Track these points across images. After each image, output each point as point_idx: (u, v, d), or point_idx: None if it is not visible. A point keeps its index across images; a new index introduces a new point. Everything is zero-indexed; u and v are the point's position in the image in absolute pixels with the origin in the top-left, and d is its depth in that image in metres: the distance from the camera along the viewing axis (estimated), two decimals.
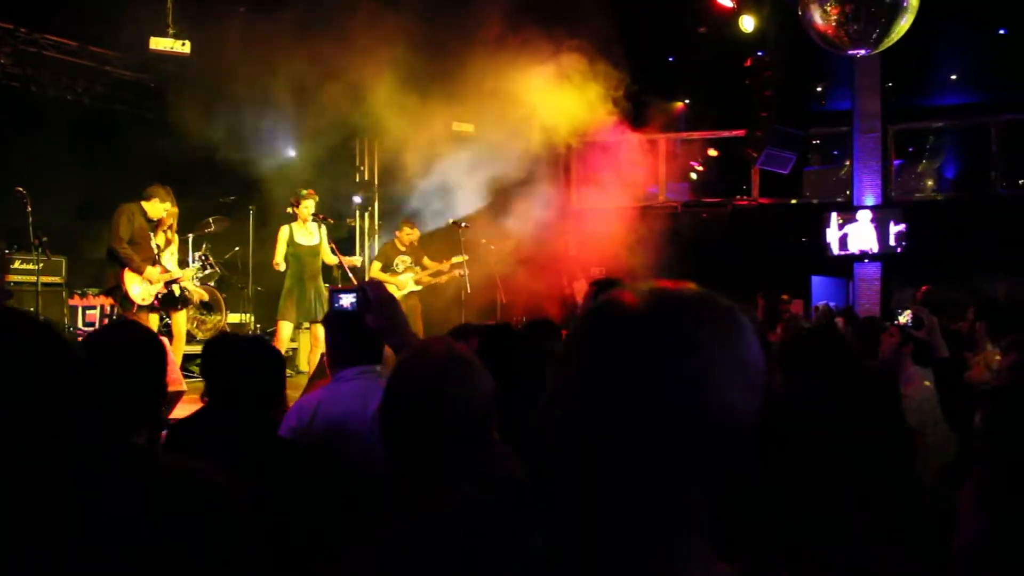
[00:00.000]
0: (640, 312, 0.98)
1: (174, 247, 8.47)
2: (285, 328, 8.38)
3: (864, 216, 13.97)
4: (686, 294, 1.02)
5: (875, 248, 13.86)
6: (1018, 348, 4.13)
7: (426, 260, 10.48)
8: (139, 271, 7.95)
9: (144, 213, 8.10)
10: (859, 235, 13.97)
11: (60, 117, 10.34)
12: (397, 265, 10.25)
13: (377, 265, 10.30)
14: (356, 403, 2.94)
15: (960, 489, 2.45)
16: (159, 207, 8.15)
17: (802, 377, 2.90)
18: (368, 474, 2.57)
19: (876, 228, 13.87)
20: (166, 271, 8.21)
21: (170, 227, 8.36)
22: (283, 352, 8.22)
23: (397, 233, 10.48)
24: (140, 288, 7.99)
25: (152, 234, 8.19)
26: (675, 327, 0.97)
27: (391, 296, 2.28)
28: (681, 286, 1.03)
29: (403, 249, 10.36)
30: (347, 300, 2.40)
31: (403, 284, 10.17)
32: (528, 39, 10.76)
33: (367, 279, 9.93)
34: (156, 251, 8.18)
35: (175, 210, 8.36)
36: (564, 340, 1.05)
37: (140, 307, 7.96)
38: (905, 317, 5.03)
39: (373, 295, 2.24)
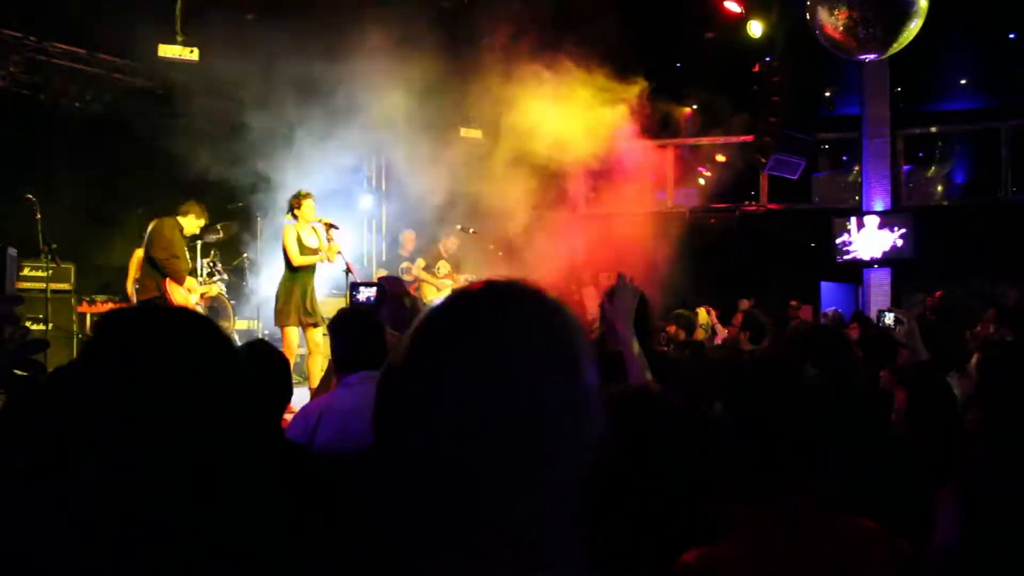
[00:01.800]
0: (445, 306, 0.97)
1: None
2: (292, 334, 8.28)
3: (873, 221, 13.92)
4: (499, 289, 0.98)
5: (884, 253, 13.80)
6: (983, 348, 4.07)
7: (441, 263, 10.68)
8: (181, 282, 8.26)
9: (180, 228, 8.31)
10: (868, 240, 13.92)
11: (69, 125, 10.39)
12: (439, 268, 10.55)
13: (421, 263, 10.57)
14: (359, 408, 2.93)
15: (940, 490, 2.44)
16: (194, 223, 8.52)
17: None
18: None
19: (886, 233, 13.81)
20: (202, 282, 8.76)
21: None
22: (293, 358, 8.29)
23: (443, 240, 10.71)
24: (182, 296, 8.24)
25: (186, 249, 8.57)
26: (471, 321, 0.94)
27: (407, 291, 2.31)
28: (508, 281, 0.99)
29: (446, 256, 10.65)
30: (367, 294, 2.45)
31: (443, 287, 10.54)
32: (535, 44, 10.76)
33: (413, 274, 10.20)
34: (190, 264, 8.58)
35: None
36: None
37: None
38: (890, 320, 5.02)
39: (390, 290, 2.26)
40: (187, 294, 8.29)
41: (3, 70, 9.89)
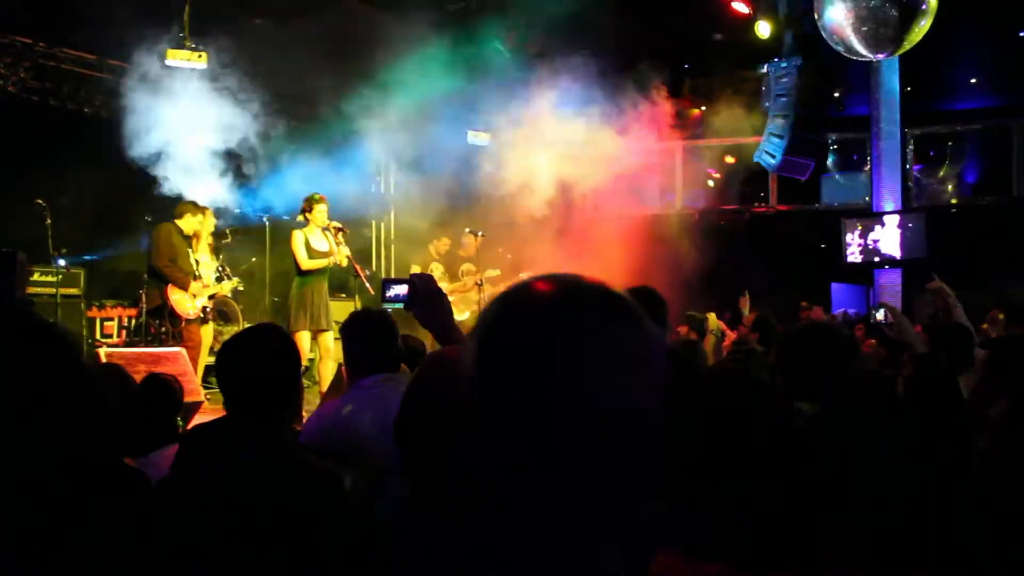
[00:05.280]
0: (539, 303, 0.95)
1: (210, 259, 8.67)
2: (304, 339, 8.28)
3: (884, 221, 13.85)
4: (585, 287, 0.97)
5: (896, 253, 13.73)
6: (990, 348, 3.96)
7: (466, 266, 10.62)
8: (184, 287, 8.16)
9: (180, 231, 8.24)
10: (879, 241, 13.85)
11: (79, 130, 10.41)
12: (431, 271, 10.40)
13: (416, 269, 10.43)
14: (376, 411, 2.91)
15: None
16: (192, 222, 8.43)
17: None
18: (386, 481, 2.55)
19: (896, 233, 13.75)
20: (207, 285, 8.44)
21: (205, 240, 8.64)
22: (303, 363, 8.26)
23: (434, 242, 10.62)
24: (186, 303, 8.14)
25: (190, 249, 8.42)
26: (567, 320, 0.92)
27: (439, 289, 2.30)
28: (582, 279, 0.98)
29: (437, 258, 10.56)
30: (398, 291, 2.43)
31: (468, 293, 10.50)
32: (543, 46, 10.76)
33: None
34: (196, 266, 8.40)
35: (211, 220, 8.68)
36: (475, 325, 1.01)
37: (189, 321, 8.10)
38: (880, 315, 4.97)
39: (422, 288, 2.26)
40: (192, 299, 8.22)
41: (13, 76, 9.92)
